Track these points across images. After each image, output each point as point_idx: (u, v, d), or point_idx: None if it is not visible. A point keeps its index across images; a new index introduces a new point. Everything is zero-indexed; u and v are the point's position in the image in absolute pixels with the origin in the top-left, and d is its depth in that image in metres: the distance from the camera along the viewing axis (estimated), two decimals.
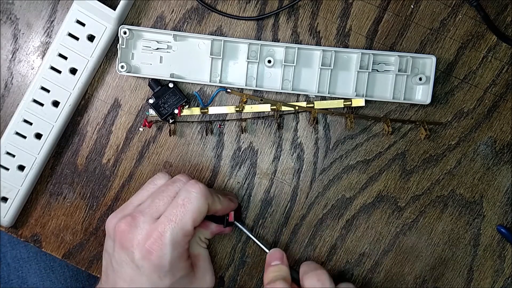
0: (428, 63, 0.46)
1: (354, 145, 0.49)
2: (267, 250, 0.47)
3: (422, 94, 0.47)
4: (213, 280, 0.45)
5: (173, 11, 0.47)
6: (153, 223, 0.40)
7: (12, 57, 0.48)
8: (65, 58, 0.46)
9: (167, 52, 0.47)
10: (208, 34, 0.47)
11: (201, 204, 0.40)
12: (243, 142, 0.49)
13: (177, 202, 0.40)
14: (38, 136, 0.46)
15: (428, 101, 0.46)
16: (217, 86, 0.48)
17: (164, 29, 0.47)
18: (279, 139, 0.49)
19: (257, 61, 0.46)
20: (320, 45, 0.47)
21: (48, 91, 0.46)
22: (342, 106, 0.47)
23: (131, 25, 0.47)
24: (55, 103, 0.46)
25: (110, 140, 0.49)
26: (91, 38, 0.46)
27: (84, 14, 0.45)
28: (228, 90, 0.48)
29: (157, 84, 0.47)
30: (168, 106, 0.46)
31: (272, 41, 0.47)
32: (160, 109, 0.46)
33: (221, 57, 0.46)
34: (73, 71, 0.46)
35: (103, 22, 0.45)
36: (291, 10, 0.47)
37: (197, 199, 0.40)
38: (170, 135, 0.48)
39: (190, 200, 0.40)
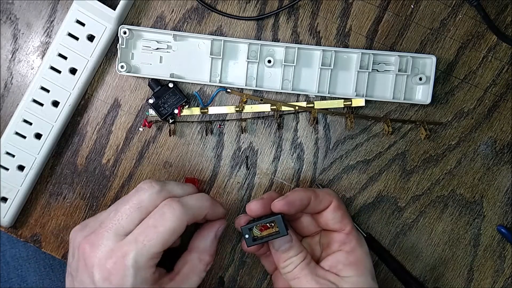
0: (428, 63, 0.46)
1: (354, 145, 0.49)
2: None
3: (422, 94, 0.47)
4: None
5: (173, 11, 0.47)
6: (118, 241, 0.36)
7: (12, 57, 0.48)
8: (65, 58, 0.46)
9: (167, 52, 0.47)
10: (208, 34, 0.47)
11: (175, 225, 0.37)
12: (243, 142, 0.49)
13: (148, 223, 0.37)
14: (38, 136, 0.46)
15: (428, 101, 0.46)
16: (217, 86, 0.48)
17: (164, 29, 0.47)
18: (279, 139, 0.49)
19: (257, 61, 0.46)
20: (320, 45, 0.47)
21: (48, 91, 0.46)
22: (342, 106, 0.47)
23: (131, 25, 0.47)
24: (55, 103, 0.46)
25: (110, 140, 0.49)
26: (91, 38, 0.46)
27: (84, 14, 0.45)
28: (228, 90, 0.48)
29: (157, 84, 0.47)
30: (168, 106, 0.46)
31: (272, 41, 0.47)
32: (160, 109, 0.46)
33: (221, 57, 0.46)
34: (73, 71, 0.46)
35: (103, 22, 0.45)
36: (291, 10, 0.47)
37: (171, 220, 0.37)
38: (170, 135, 0.48)
39: (162, 222, 0.36)
